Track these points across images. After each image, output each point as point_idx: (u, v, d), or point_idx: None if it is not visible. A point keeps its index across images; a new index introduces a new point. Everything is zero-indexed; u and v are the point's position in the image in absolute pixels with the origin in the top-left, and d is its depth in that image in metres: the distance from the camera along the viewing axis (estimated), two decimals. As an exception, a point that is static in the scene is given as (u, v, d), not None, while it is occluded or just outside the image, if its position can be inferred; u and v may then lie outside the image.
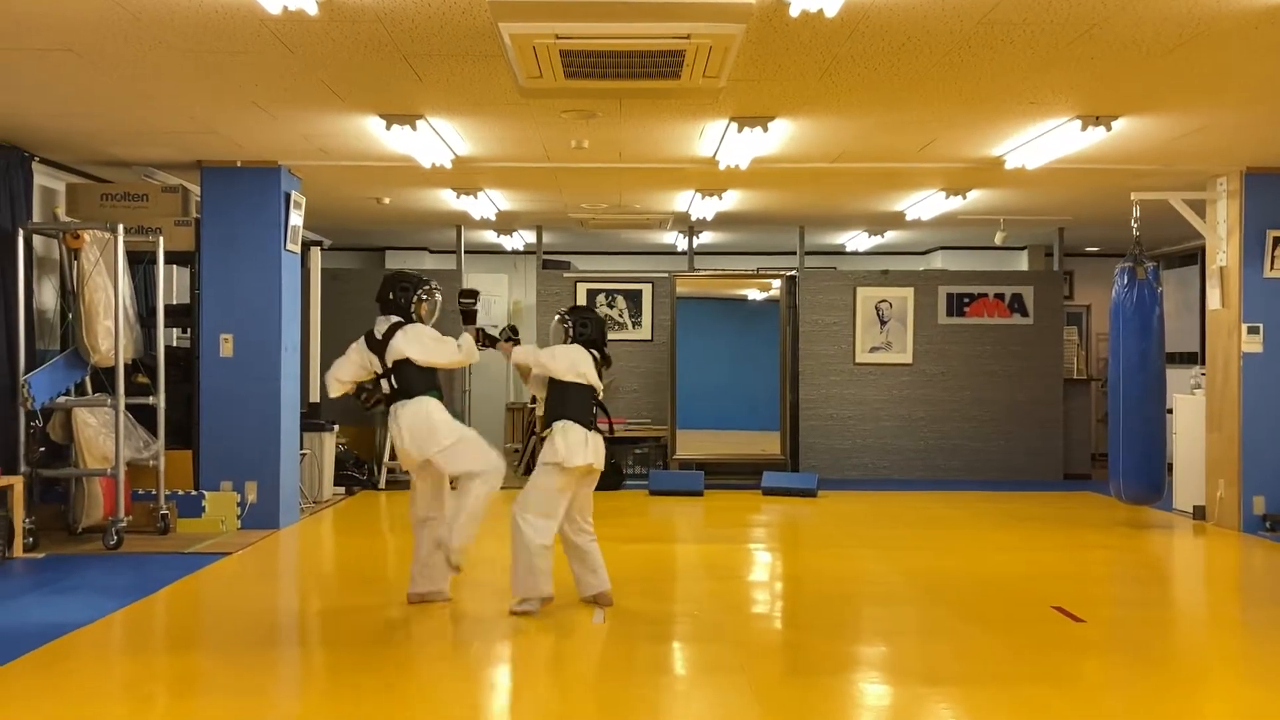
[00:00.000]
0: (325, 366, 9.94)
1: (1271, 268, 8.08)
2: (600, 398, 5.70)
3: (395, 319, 5.75)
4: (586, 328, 5.76)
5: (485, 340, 5.96)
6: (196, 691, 4.37)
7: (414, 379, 5.68)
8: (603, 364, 5.74)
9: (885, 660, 4.90)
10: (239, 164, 7.90)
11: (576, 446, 5.41)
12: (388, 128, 6.59)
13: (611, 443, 8.71)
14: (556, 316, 5.93)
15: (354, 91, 6.00)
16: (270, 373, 7.97)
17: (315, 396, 9.76)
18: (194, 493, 7.82)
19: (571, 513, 5.61)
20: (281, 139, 7.21)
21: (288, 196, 8.01)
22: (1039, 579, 6.46)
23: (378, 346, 5.70)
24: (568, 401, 5.54)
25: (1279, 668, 4.69)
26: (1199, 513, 8.60)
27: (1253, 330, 8.13)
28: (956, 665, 4.69)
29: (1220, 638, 5.40)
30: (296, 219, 8.14)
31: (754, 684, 4.36)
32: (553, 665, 4.71)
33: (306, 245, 9.37)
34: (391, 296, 5.81)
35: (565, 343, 5.73)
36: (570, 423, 5.47)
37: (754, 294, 11.59)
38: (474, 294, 6.12)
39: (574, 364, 5.59)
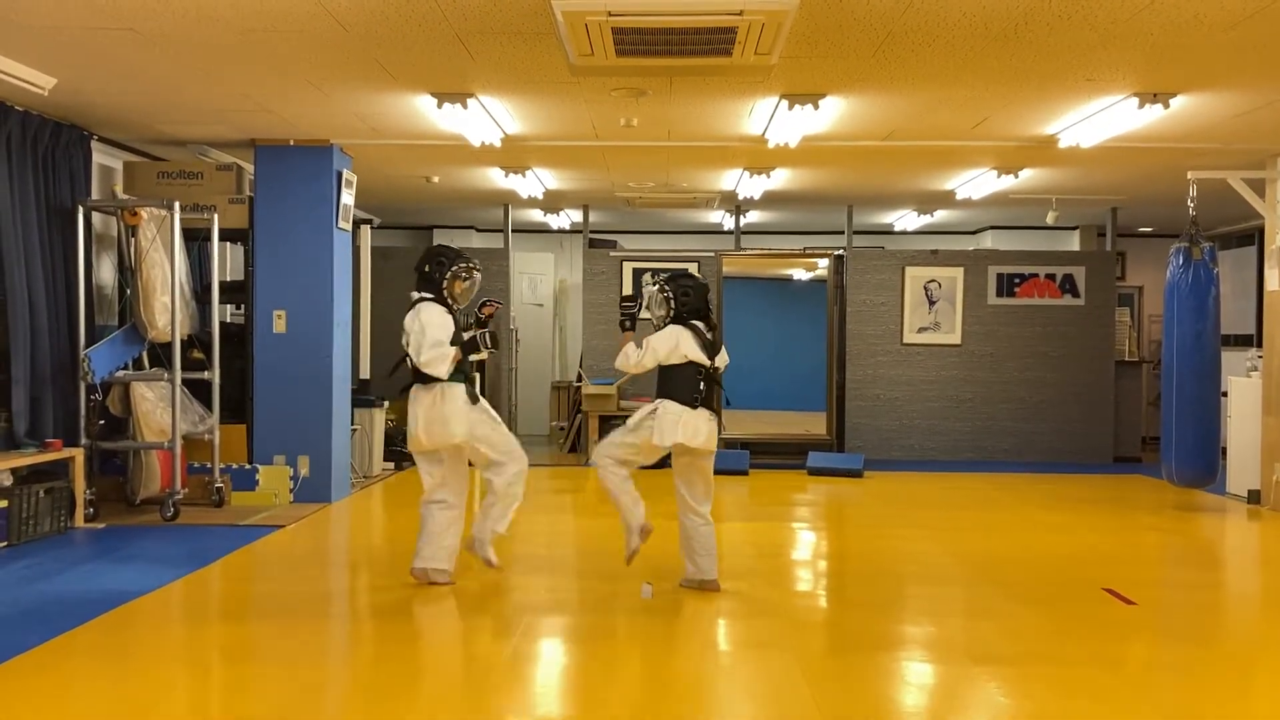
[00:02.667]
0: (375, 343, 10.16)
1: (1333, 248, 7.93)
2: (713, 371, 5.39)
3: (422, 294, 5.51)
4: (689, 297, 5.43)
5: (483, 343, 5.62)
6: (251, 659, 4.47)
7: None
8: (709, 332, 5.42)
9: (932, 639, 4.89)
10: (292, 142, 7.99)
11: (672, 426, 5.25)
12: (439, 106, 6.63)
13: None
14: (655, 285, 5.57)
15: (406, 70, 6.04)
16: (322, 349, 8.07)
17: (365, 373, 9.88)
18: (248, 466, 7.96)
19: (681, 493, 5.53)
20: (334, 117, 7.28)
21: (339, 175, 8.09)
22: (1089, 561, 6.41)
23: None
24: (668, 380, 5.38)
25: (1335, 653, 4.64)
26: (1253, 497, 8.47)
27: (1312, 312, 7.98)
28: (1005, 645, 4.68)
29: (1273, 622, 5.33)
30: (348, 197, 8.23)
31: (800, 660, 4.38)
32: (599, 639, 4.76)
33: (357, 223, 9.47)
34: (426, 270, 5.53)
35: (667, 315, 5.45)
36: (667, 402, 5.33)
37: (800, 274, 11.55)
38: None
39: (676, 347, 5.35)
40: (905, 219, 12.66)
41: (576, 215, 12.32)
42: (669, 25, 4.78)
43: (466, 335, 5.54)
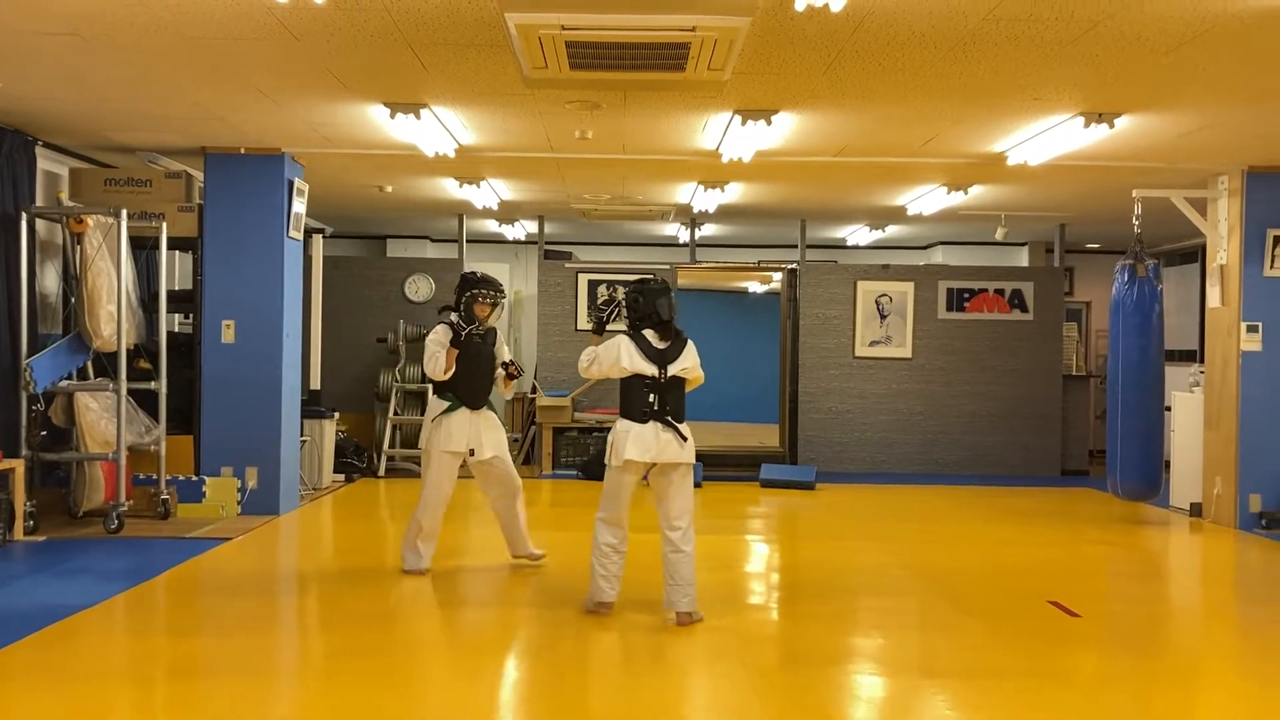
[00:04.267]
0: (326, 354, 10.07)
1: (1271, 266, 8.10)
2: (663, 381, 5.11)
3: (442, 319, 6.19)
4: (638, 304, 5.22)
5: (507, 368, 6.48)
6: (196, 674, 4.40)
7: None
8: (662, 341, 5.15)
9: (882, 652, 4.93)
10: (243, 151, 7.90)
11: (621, 445, 5.08)
12: (392, 116, 6.59)
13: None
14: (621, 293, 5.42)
15: (359, 80, 6.01)
16: (271, 359, 7.99)
17: (316, 383, 9.79)
18: (195, 478, 7.84)
19: (659, 513, 5.26)
20: (286, 126, 7.22)
21: (291, 184, 8.02)
22: (1036, 573, 6.50)
23: None
24: (622, 395, 5.20)
25: (1273, 664, 4.73)
26: (1195, 510, 8.63)
27: (1252, 329, 8.15)
28: (953, 658, 4.72)
29: (1215, 634, 5.43)
30: (299, 206, 8.15)
31: (752, 674, 4.39)
32: (549, 654, 4.74)
33: (308, 232, 9.39)
34: (454, 295, 6.26)
35: (628, 324, 5.29)
36: (620, 420, 5.17)
37: (755, 286, 11.62)
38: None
39: (617, 359, 5.18)
40: (858, 234, 12.78)
41: (532, 226, 12.30)
42: (623, 40, 4.80)
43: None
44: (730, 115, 6.72)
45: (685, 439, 5.14)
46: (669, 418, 5.12)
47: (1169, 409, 9.04)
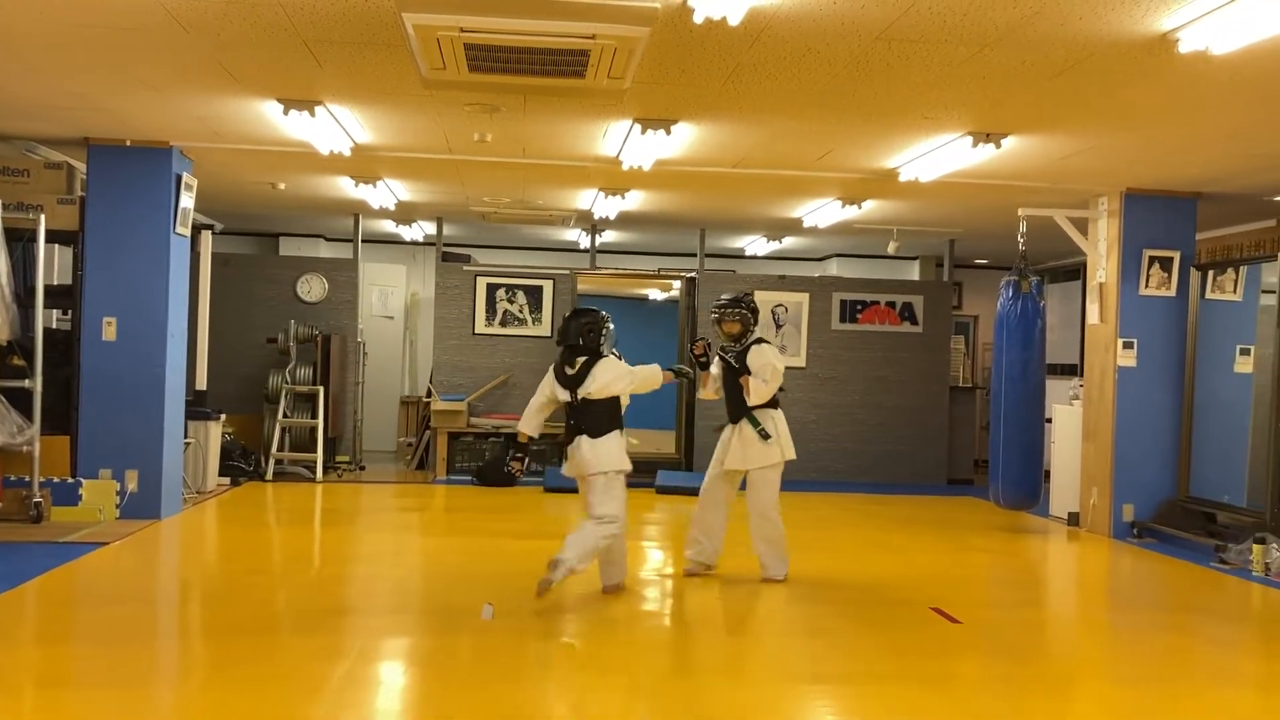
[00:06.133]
0: (213, 354, 9.80)
1: (1146, 285, 8.45)
2: (576, 400, 5.72)
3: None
4: (563, 335, 5.85)
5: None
6: (69, 683, 4.24)
7: None
8: (571, 367, 5.74)
9: (770, 659, 4.99)
10: (128, 143, 7.65)
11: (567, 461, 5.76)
12: (285, 113, 6.46)
13: (509, 439, 9.33)
14: None
15: (251, 74, 5.87)
16: (155, 358, 7.74)
17: (202, 384, 9.52)
18: (70, 480, 7.55)
19: None
20: (174, 119, 7.01)
21: (179, 178, 7.79)
22: (920, 580, 6.65)
23: None
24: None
25: (1145, 669, 4.92)
26: (1073, 519, 8.94)
27: (1128, 345, 8.48)
28: (838, 664, 4.81)
29: (1089, 640, 5.63)
30: (187, 201, 7.93)
31: (640, 682, 4.40)
32: (438, 661, 4.68)
33: (197, 229, 9.13)
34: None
35: None
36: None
37: (655, 294, 11.68)
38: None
39: (543, 389, 5.87)
40: (756, 244, 12.94)
41: (430, 227, 12.16)
42: (522, 44, 4.78)
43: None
44: (630, 123, 6.74)
45: (595, 450, 5.69)
46: (584, 432, 5.70)
47: (1050, 421, 9.36)
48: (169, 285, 7.78)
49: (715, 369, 6.46)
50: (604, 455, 5.68)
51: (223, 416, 9.47)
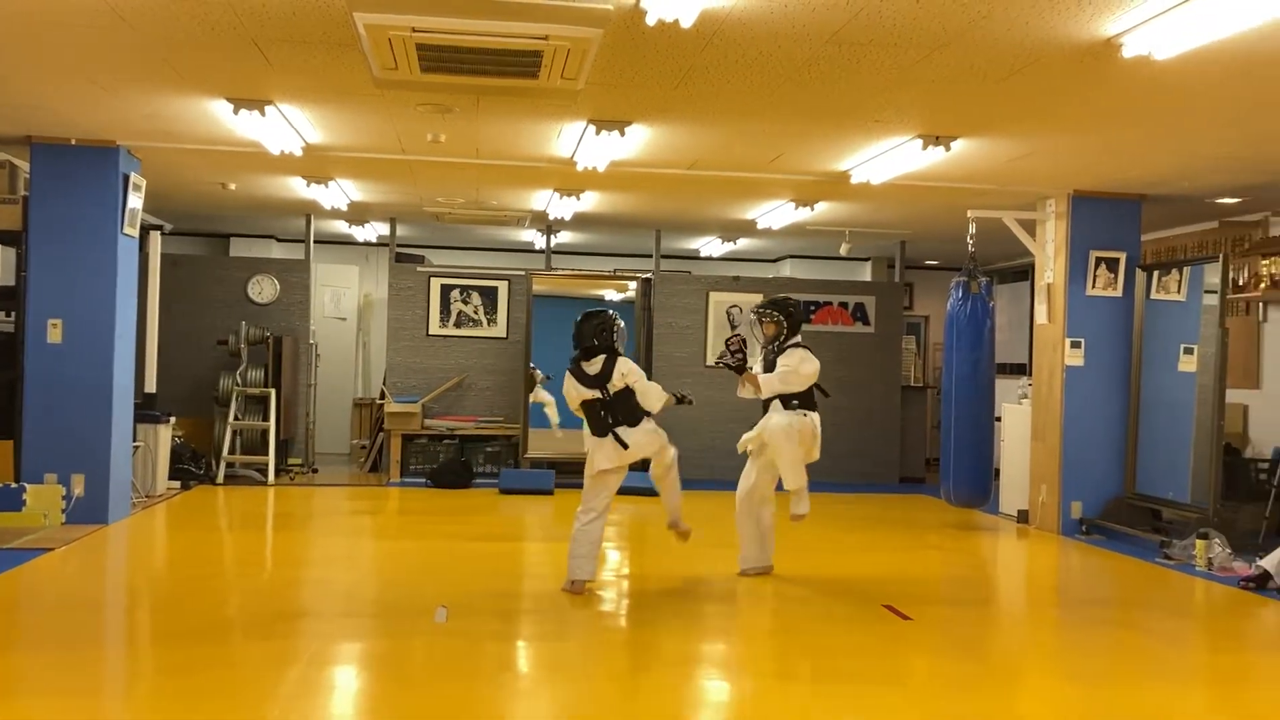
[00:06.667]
0: (163, 356, 9.66)
1: (1093, 286, 8.59)
2: (604, 399, 5.90)
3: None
4: (577, 338, 6.01)
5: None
6: (12, 693, 4.15)
7: None
8: (587, 364, 5.91)
9: (725, 657, 5.02)
10: (74, 141, 7.52)
11: (589, 457, 5.99)
12: (235, 112, 6.38)
13: (464, 441, 9.60)
14: None
15: (199, 73, 5.79)
16: (102, 361, 7.62)
17: (151, 386, 9.39)
18: (14, 485, 7.40)
19: None
20: (121, 118, 6.90)
21: (126, 178, 7.68)
22: (872, 578, 6.72)
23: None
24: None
25: (1092, 664, 5.00)
26: (1022, 516, 9.07)
27: (1075, 344, 8.62)
28: (792, 662, 4.85)
29: (1038, 636, 5.72)
30: (135, 201, 7.81)
31: (599, 682, 4.41)
32: (390, 666, 4.65)
33: (145, 229, 9.00)
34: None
35: None
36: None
37: (611, 294, 11.68)
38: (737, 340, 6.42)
39: (569, 394, 6.03)
40: (710, 245, 12.99)
41: (383, 228, 12.07)
42: (475, 45, 4.76)
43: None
44: (585, 124, 6.74)
45: (643, 436, 5.96)
46: (622, 424, 5.91)
47: (999, 420, 9.48)
48: (116, 286, 7.66)
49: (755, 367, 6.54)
50: (648, 438, 5.98)
51: (172, 419, 9.34)
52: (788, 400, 6.42)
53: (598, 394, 5.90)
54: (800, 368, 6.37)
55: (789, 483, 6.43)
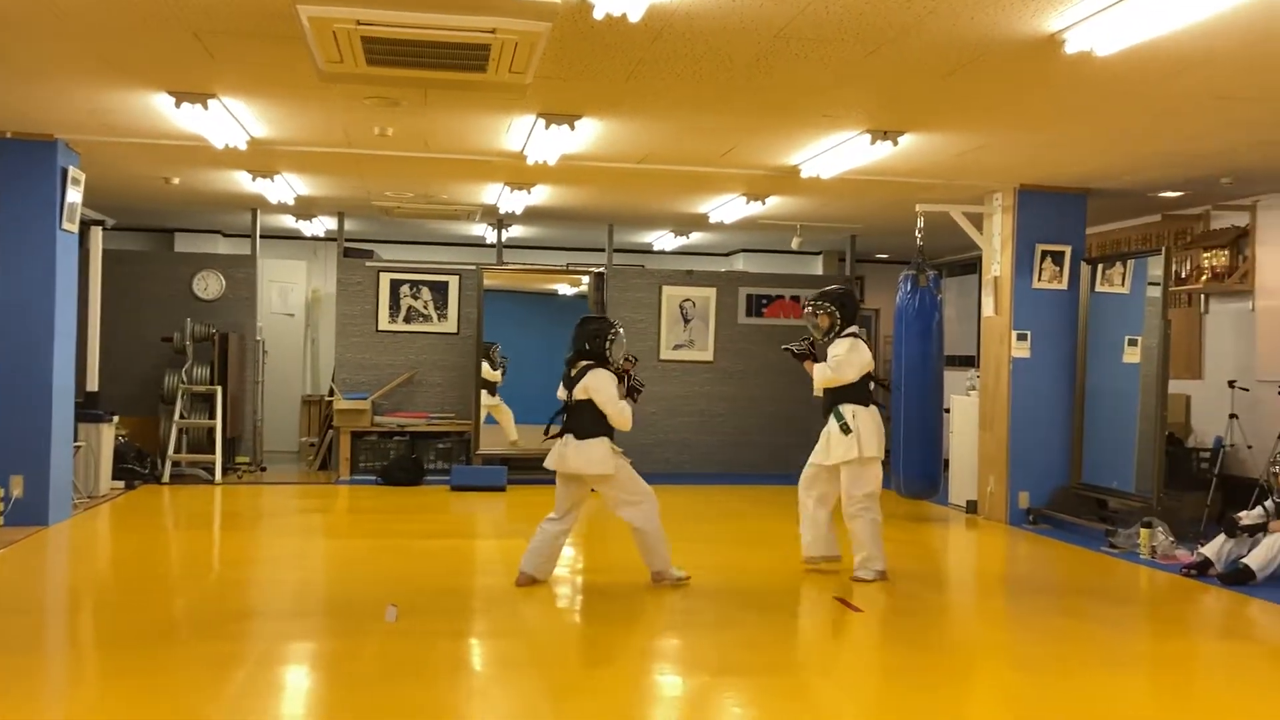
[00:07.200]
0: (105, 354, 9.49)
1: (1039, 279, 8.70)
2: (567, 403, 6.02)
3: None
4: (573, 342, 6.09)
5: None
6: (-53, 703, 4.06)
7: None
8: (571, 368, 6.01)
9: (678, 652, 5.02)
10: (9, 135, 7.35)
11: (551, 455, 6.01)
12: (177, 105, 6.26)
13: (415, 437, 9.54)
14: None
15: (139, 65, 5.68)
16: (41, 359, 7.46)
17: (93, 385, 9.21)
18: (-49, 488, 7.25)
19: None
20: (58, 111, 6.75)
21: (65, 172, 7.52)
22: (823, 570, 6.75)
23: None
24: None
25: (1040, 653, 5.07)
26: (971, 507, 9.18)
27: (1021, 337, 8.73)
28: (744, 656, 4.86)
29: (987, 625, 5.78)
30: (75, 196, 7.65)
31: (547, 678, 4.40)
32: (340, 666, 4.61)
33: (86, 224, 8.82)
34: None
35: None
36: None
37: (564, 289, 11.64)
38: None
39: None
40: (663, 239, 13.00)
41: (331, 223, 11.94)
42: (421, 38, 4.72)
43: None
44: (534, 118, 6.70)
45: (579, 452, 5.92)
46: (571, 432, 5.95)
47: (948, 411, 9.58)
48: (56, 283, 7.51)
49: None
50: (589, 457, 5.90)
51: (115, 418, 9.18)
52: (839, 396, 6.39)
53: (565, 397, 6.02)
54: (849, 356, 6.37)
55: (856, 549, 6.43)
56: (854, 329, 6.55)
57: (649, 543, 6.04)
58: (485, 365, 10.85)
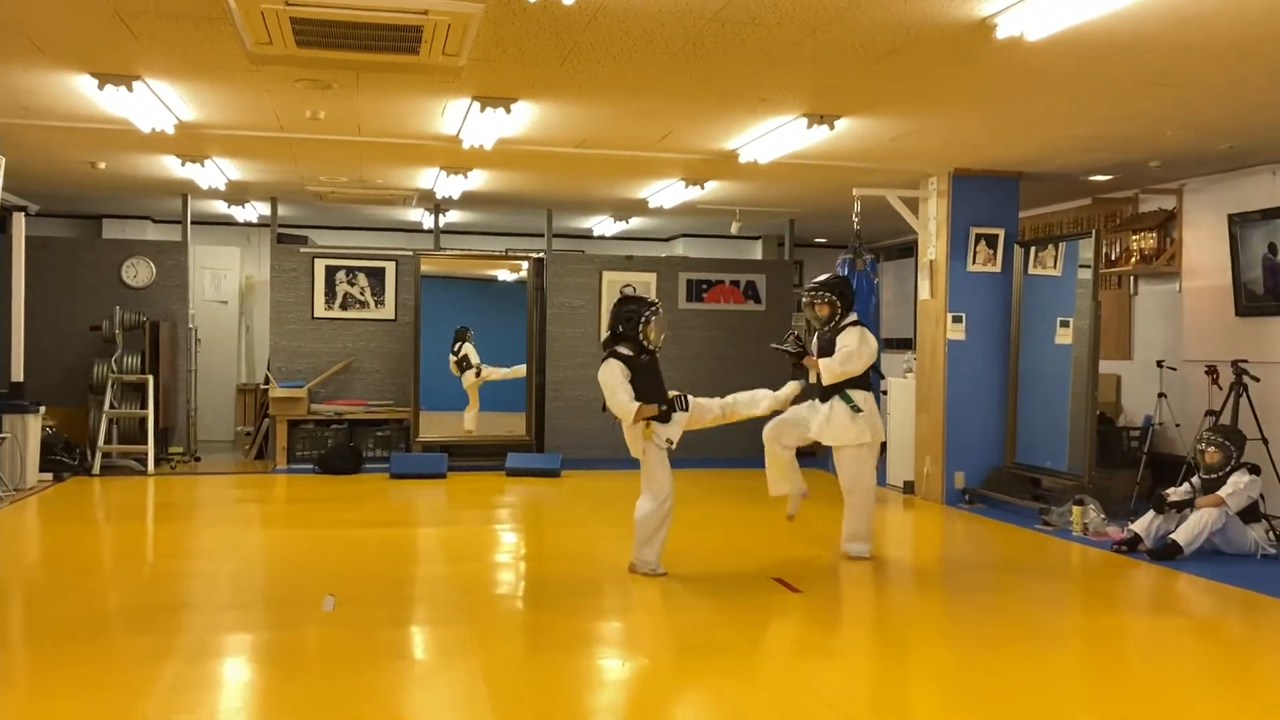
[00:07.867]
0: (31, 343, 9.24)
1: (974, 262, 8.81)
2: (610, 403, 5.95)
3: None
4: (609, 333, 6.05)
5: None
6: None
7: None
8: (637, 353, 5.98)
9: (619, 635, 5.03)
10: (-76, 118, 7.13)
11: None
12: (100, 88, 6.10)
13: (352, 425, 9.43)
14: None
15: (59, 45, 5.52)
16: (-37, 350, 7.26)
17: (18, 375, 8.97)
18: None
19: None
20: (-25, 93, 6.55)
21: (-16, 156, 7.30)
22: (761, 551, 6.82)
23: None
24: None
25: (972, 629, 5.15)
26: (909, 487, 9.30)
27: (956, 319, 8.84)
28: (684, 638, 4.88)
29: (923, 604, 5.86)
30: (-5, 181, 7.44)
31: (487, 665, 4.37)
32: (277, 657, 4.54)
33: (8, 210, 8.58)
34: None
35: None
36: None
37: (504, 275, 11.57)
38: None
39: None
40: (603, 225, 12.97)
41: (264, 208, 11.73)
42: (352, 19, 4.65)
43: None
44: (469, 101, 6.63)
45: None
46: None
47: (885, 393, 9.68)
48: (-24, 271, 7.30)
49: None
50: (628, 438, 6.02)
51: (42, 409, 8.96)
52: (845, 380, 6.40)
53: None
54: (860, 347, 6.35)
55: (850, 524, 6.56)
56: (854, 317, 6.53)
57: (636, 532, 6.00)
58: (469, 347, 10.82)
